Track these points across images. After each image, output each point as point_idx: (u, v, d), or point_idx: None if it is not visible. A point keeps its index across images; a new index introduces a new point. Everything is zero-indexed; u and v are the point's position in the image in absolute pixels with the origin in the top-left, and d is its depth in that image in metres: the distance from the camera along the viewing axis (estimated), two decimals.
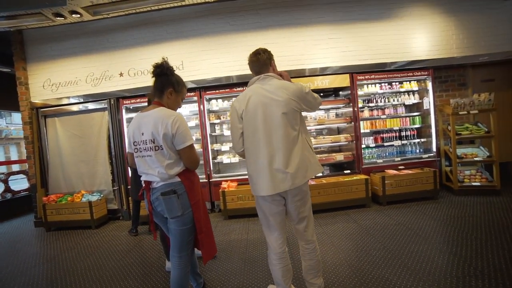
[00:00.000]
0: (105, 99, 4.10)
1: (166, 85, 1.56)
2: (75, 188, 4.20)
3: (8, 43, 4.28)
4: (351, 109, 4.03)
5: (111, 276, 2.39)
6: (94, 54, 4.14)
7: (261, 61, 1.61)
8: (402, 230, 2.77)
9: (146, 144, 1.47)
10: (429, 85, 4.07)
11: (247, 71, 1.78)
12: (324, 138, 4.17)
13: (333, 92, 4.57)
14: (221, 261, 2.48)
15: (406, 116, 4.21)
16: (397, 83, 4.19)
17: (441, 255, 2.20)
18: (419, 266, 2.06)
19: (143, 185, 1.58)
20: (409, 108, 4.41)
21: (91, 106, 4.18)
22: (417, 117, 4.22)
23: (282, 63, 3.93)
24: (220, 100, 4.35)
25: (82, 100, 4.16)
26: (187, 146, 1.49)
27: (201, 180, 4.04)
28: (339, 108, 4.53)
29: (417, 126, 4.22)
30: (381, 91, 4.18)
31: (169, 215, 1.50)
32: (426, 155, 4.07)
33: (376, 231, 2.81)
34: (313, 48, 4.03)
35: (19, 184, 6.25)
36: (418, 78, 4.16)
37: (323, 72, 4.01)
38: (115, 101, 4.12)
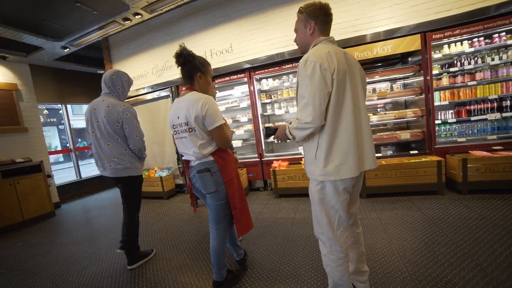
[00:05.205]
0: (167, 87, 4.63)
1: (193, 71, 1.63)
2: (150, 165, 5.06)
3: (100, 50, 5.31)
4: (421, 78, 3.31)
5: (171, 239, 2.85)
6: (156, 48, 4.68)
7: None
8: (487, 227, 2.21)
9: (182, 126, 1.60)
10: None
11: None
12: (385, 113, 3.62)
13: (400, 60, 3.83)
14: (265, 237, 2.59)
15: None
16: (504, 34, 3.05)
17: None
18: (504, 274, 1.62)
19: (184, 164, 1.76)
20: None
21: (157, 94, 4.79)
22: None
23: (334, 32, 3.48)
24: (270, 79, 4.29)
25: (150, 90, 4.82)
26: (217, 127, 1.55)
27: (253, 160, 4.23)
28: (407, 77, 3.80)
29: None
30: (471, 50, 3.19)
31: (205, 191, 1.64)
32: None
33: (446, 224, 2.35)
34: (371, 10, 3.41)
35: None
36: None
37: (385, 36, 3.33)
38: (175, 89, 4.60)
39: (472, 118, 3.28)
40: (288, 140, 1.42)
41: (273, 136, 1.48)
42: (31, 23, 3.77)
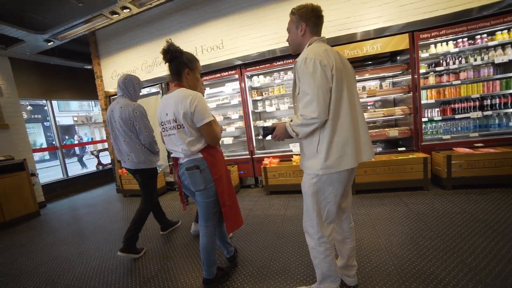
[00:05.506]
0: (157, 84, 4.54)
1: (181, 67, 1.61)
2: None
3: (87, 44, 5.12)
4: (409, 76, 3.38)
5: (161, 237, 2.83)
6: (146, 43, 4.57)
7: None
8: (468, 221, 2.30)
9: (170, 123, 1.58)
10: None
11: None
12: (375, 111, 3.68)
13: (389, 58, 3.90)
14: (256, 233, 2.60)
15: (495, 79, 3.22)
16: (485, 36, 3.17)
17: None
18: (483, 265, 1.69)
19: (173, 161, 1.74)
20: (502, 67, 3.36)
21: (146, 91, 4.70)
22: None
23: (325, 30, 3.50)
24: (261, 77, 4.28)
25: None
26: (206, 123, 1.54)
27: (244, 157, 4.23)
28: (396, 76, 3.88)
29: None
30: (456, 50, 3.29)
31: (194, 189, 1.63)
32: None
33: (431, 218, 2.44)
34: (361, 8, 3.44)
35: (106, 159, 7.77)
36: None
37: (375, 35, 3.37)
38: (166, 85, 4.52)
39: (457, 116, 3.39)
40: (286, 139, 1.42)
41: (271, 135, 1.46)
42: (10, 13, 3.57)
